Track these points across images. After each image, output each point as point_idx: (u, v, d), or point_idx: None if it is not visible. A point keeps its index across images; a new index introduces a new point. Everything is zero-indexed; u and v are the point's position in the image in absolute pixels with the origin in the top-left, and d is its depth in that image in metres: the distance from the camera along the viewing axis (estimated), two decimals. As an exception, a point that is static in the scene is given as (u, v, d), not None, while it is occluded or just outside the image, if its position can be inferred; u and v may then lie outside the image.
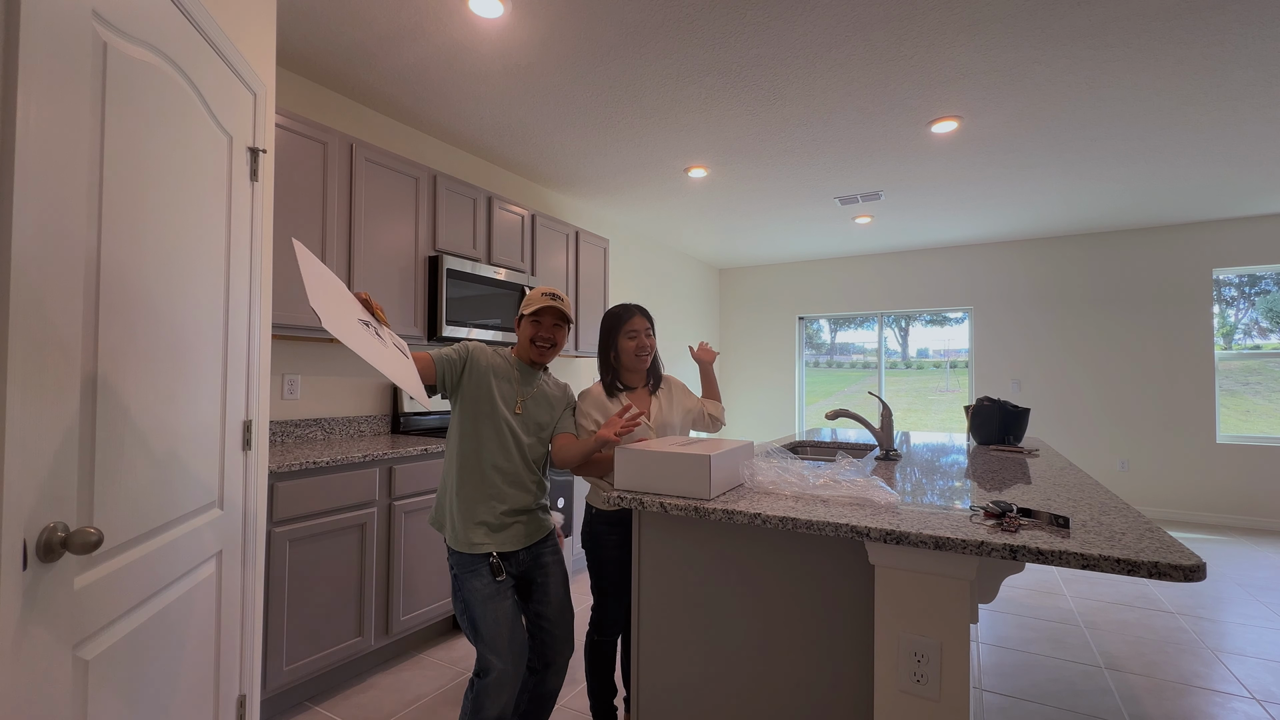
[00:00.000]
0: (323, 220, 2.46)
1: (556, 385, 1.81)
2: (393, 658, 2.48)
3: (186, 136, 1.23)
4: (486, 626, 1.53)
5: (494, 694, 1.51)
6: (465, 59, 2.54)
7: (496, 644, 1.53)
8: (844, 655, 1.28)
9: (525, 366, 1.74)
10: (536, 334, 1.69)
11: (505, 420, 1.64)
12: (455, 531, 1.59)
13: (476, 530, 1.58)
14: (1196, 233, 5.05)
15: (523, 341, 1.72)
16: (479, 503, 1.59)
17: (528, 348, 1.71)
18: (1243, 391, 5.03)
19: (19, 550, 0.82)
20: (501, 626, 1.54)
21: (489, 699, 1.51)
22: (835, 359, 6.84)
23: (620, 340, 1.85)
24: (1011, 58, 2.48)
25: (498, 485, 1.61)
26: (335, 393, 2.86)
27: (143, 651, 1.12)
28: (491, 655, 1.52)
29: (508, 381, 1.69)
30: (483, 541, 1.57)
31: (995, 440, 2.62)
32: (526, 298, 1.71)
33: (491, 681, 1.51)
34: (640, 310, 1.87)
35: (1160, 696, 2.24)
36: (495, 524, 1.60)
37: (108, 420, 1.00)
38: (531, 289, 1.75)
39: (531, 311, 1.68)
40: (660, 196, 4.41)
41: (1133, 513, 1.32)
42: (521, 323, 1.72)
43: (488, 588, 1.56)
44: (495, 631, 1.53)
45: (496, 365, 1.68)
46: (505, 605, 1.57)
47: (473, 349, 1.66)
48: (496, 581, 1.57)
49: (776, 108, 2.96)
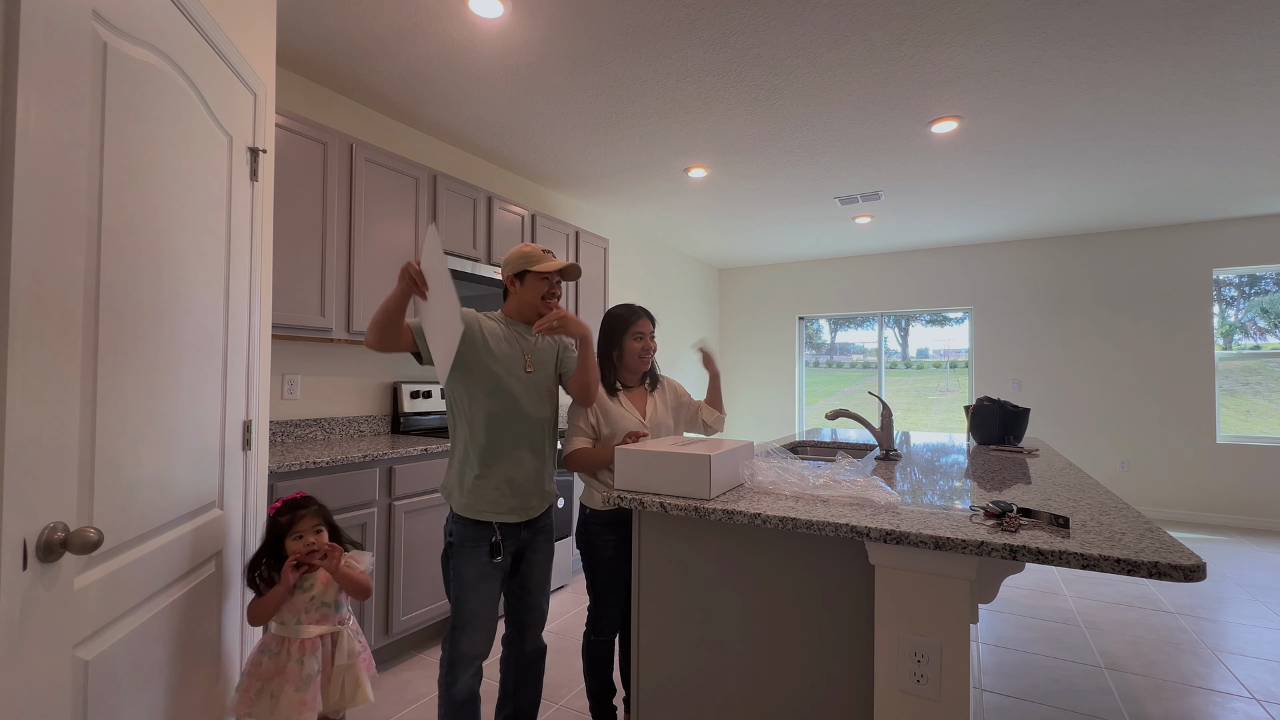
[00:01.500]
0: (323, 220, 2.46)
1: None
2: (393, 658, 2.48)
3: (186, 136, 1.23)
4: (470, 605, 1.56)
5: (465, 664, 1.56)
6: (465, 59, 2.54)
7: (475, 622, 1.56)
8: (844, 655, 1.28)
9: (521, 324, 1.69)
10: (549, 290, 1.65)
11: (515, 384, 1.61)
12: (464, 498, 1.57)
13: (490, 496, 1.57)
14: (1196, 233, 5.05)
15: (528, 299, 1.65)
16: (494, 470, 1.58)
17: (536, 304, 1.65)
18: (1243, 391, 5.03)
19: (19, 550, 0.82)
20: (485, 608, 1.58)
21: (461, 669, 1.56)
22: (835, 359, 6.84)
23: (626, 341, 1.88)
24: (1011, 58, 2.48)
25: (512, 451, 1.60)
26: (335, 393, 2.86)
27: (143, 651, 1.12)
28: (466, 629, 1.56)
29: (508, 343, 1.64)
30: (495, 509, 1.57)
31: (995, 440, 2.62)
32: (523, 255, 1.63)
33: (463, 650, 1.56)
34: (646, 312, 1.91)
35: (1160, 696, 2.24)
36: (505, 491, 1.59)
37: (108, 420, 1.00)
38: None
39: (552, 270, 1.62)
40: (660, 196, 4.41)
41: (1133, 513, 1.32)
42: (525, 279, 1.64)
43: (483, 567, 1.57)
44: (477, 610, 1.57)
45: (494, 332, 1.63)
46: (493, 588, 1.60)
47: (468, 319, 1.59)
48: (493, 563, 1.58)
49: (776, 108, 2.96)
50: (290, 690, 1.35)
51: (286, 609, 1.43)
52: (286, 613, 1.42)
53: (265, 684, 1.36)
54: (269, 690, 1.36)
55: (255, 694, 1.36)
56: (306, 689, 1.37)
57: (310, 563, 1.46)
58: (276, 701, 1.34)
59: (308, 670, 1.38)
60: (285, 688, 1.35)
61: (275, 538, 1.47)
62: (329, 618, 1.47)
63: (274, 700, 1.35)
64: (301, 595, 1.44)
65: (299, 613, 1.43)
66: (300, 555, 1.44)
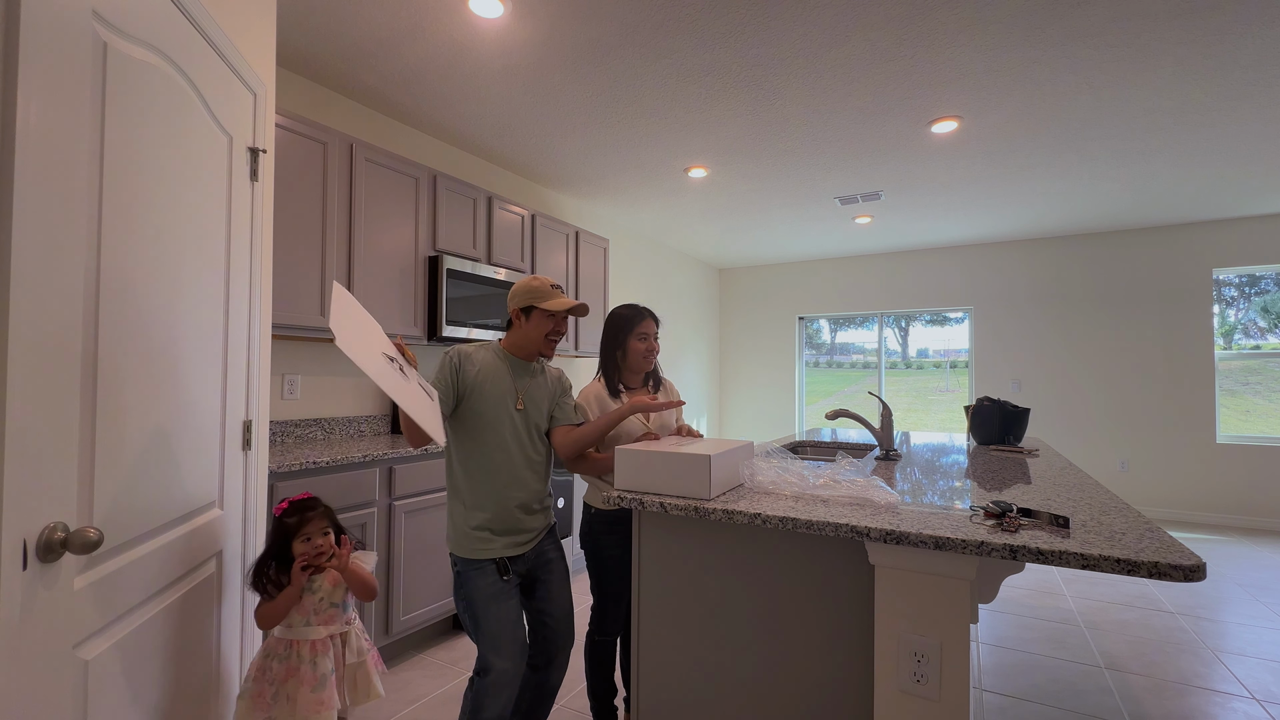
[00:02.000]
0: (323, 220, 2.46)
1: (550, 370, 1.75)
2: (393, 658, 2.48)
3: (186, 136, 1.23)
4: (489, 625, 1.51)
5: (494, 694, 1.49)
6: (465, 59, 2.54)
7: (499, 643, 1.50)
8: (844, 655, 1.28)
9: (518, 360, 1.66)
10: (554, 329, 1.63)
11: (505, 423, 1.59)
12: (459, 537, 1.56)
13: (479, 535, 1.55)
14: (1196, 233, 5.05)
15: (532, 335, 1.63)
16: (482, 509, 1.56)
17: (539, 342, 1.63)
18: (1243, 391, 5.03)
19: (19, 550, 0.82)
20: (504, 626, 1.52)
21: (489, 698, 1.49)
22: (835, 359, 6.84)
23: (631, 341, 1.86)
24: (1011, 58, 2.48)
25: (501, 490, 1.58)
26: (335, 393, 2.86)
27: (143, 651, 1.12)
28: (492, 654, 1.50)
29: (503, 380, 1.61)
30: (487, 548, 1.55)
31: (995, 440, 2.62)
32: (531, 289, 1.61)
33: (491, 681, 1.49)
34: (651, 313, 1.89)
35: (1160, 696, 2.24)
36: (499, 529, 1.57)
37: (108, 420, 1.00)
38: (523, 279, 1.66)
39: (561, 310, 1.61)
40: (660, 196, 4.41)
41: (1133, 513, 1.32)
42: (531, 315, 1.62)
43: (493, 586, 1.54)
44: (498, 630, 1.51)
45: (486, 366, 1.60)
46: (509, 605, 1.54)
47: (460, 361, 1.57)
48: (503, 580, 1.55)
49: (776, 108, 2.96)
50: (306, 691, 1.35)
51: (295, 611, 1.42)
52: (295, 615, 1.42)
53: (280, 687, 1.36)
54: (284, 693, 1.35)
55: (271, 698, 1.35)
56: (323, 688, 1.37)
57: (318, 564, 1.45)
58: (294, 704, 1.34)
59: (321, 670, 1.38)
60: (301, 689, 1.35)
61: (282, 540, 1.45)
62: (337, 618, 1.46)
63: (290, 702, 1.34)
64: (310, 597, 1.44)
65: (308, 614, 1.43)
66: (309, 558, 1.44)
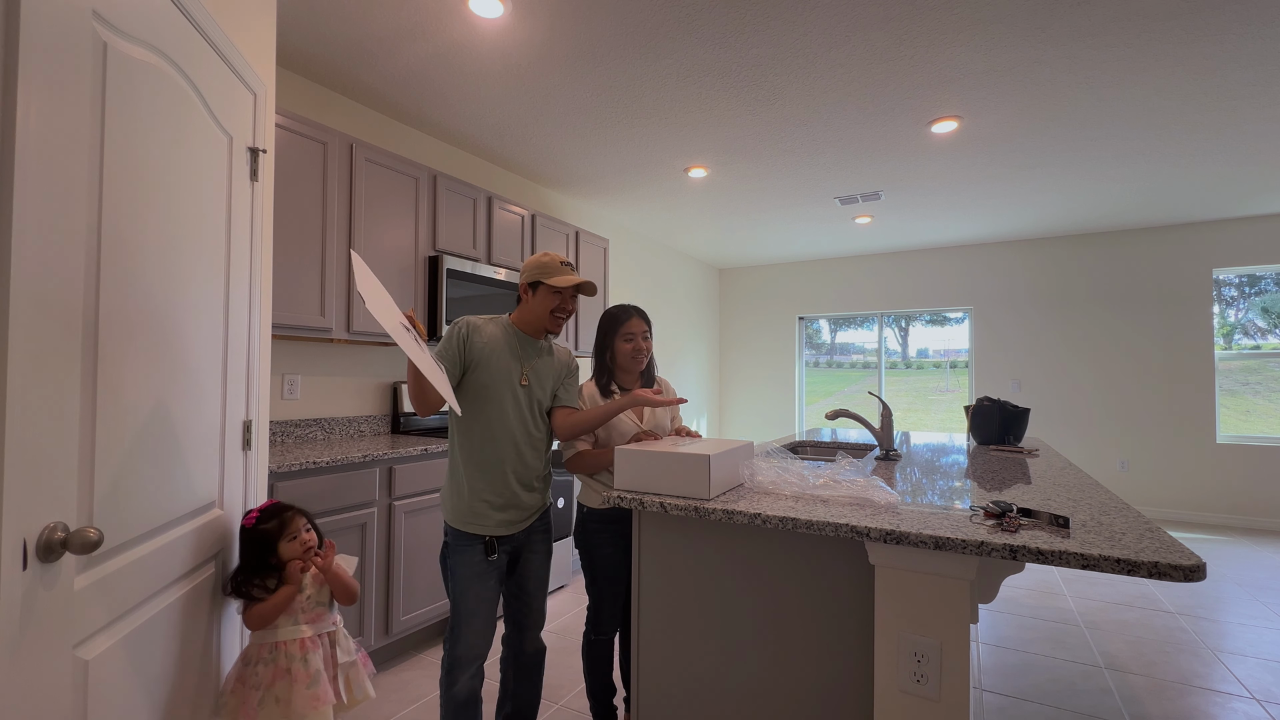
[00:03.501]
0: (323, 220, 2.46)
1: (560, 351, 1.76)
2: (392, 658, 2.48)
3: (186, 136, 1.23)
4: (466, 604, 1.57)
5: (465, 665, 1.57)
6: (465, 59, 2.54)
7: (473, 621, 1.57)
8: (844, 655, 1.28)
9: (526, 337, 1.67)
10: (560, 305, 1.64)
11: (508, 396, 1.60)
12: (455, 507, 1.59)
13: (477, 509, 1.58)
14: (1196, 233, 5.05)
15: (537, 311, 1.63)
16: (481, 483, 1.59)
17: (544, 318, 1.64)
18: (1243, 391, 5.03)
19: (19, 550, 0.82)
20: (480, 606, 1.58)
21: (461, 669, 1.57)
22: (835, 359, 6.84)
23: (617, 342, 1.84)
24: (1011, 57, 2.48)
25: (500, 463, 1.60)
26: (335, 393, 2.86)
27: (143, 651, 1.12)
28: (465, 628, 1.57)
29: (509, 354, 1.62)
30: (481, 522, 1.58)
31: (995, 440, 2.62)
32: (540, 265, 1.61)
33: (463, 651, 1.56)
34: (639, 312, 1.86)
35: (1160, 696, 2.24)
36: (496, 503, 1.60)
37: (108, 420, 1.00)
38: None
39: (566, 286, 1.61)
40: (660, 196, 4.41)
41: (1133, 513, 1.32)
42: (538, 290, 1.62)
43: (478, 565, 1.58)
44: (474, 609, 1.57)
45: (494, 339, 1.61)
46: (489, 586, 1.60)
47: (468, 332, 1.59)
48: (488, 560, 1.59)
49: (776, 107, 2.96)
50: (301, 689, 1.34)
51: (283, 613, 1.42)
52: (282, 615, 1.42)
53: (267, 691, 1.35)
54: (272, 695, 1.35)
55: (258, 704, 1.35)
56: (317, 684, 1.36)
57: (311, 560, 1.45)
58: (286, 704, 1.33)
59: (314, 666, 1.38)
60: (294, 687, 1.34)
61: (264, 546, 1.43)
62: (324, 617, 1.46)
63: (282, 704, 1.34)
64: (298, 596, 1.44)
65: (295, 614, 1.42)
66: (301, 556, 1.44)
